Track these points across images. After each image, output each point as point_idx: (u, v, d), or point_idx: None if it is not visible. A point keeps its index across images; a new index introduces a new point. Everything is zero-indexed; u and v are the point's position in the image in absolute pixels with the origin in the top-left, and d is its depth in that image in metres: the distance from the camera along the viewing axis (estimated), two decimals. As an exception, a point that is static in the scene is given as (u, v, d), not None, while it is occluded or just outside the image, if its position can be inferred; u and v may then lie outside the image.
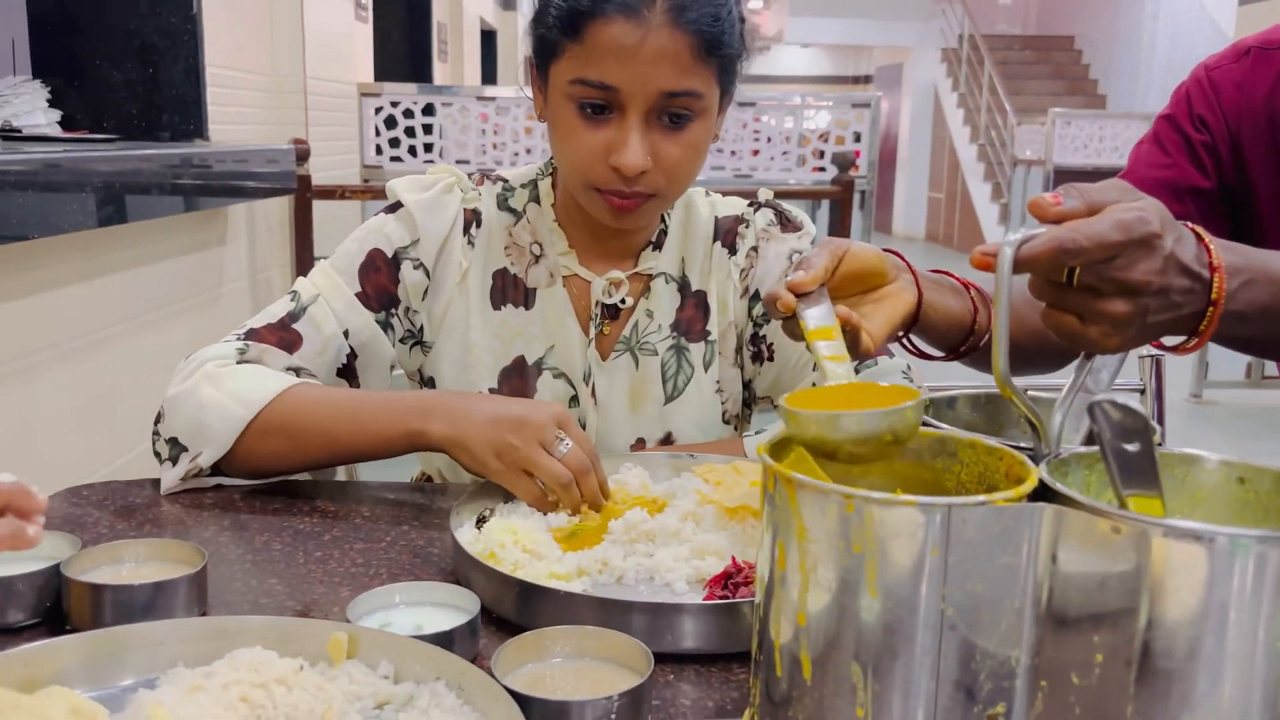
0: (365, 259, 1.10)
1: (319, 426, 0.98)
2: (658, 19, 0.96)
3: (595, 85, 0.98)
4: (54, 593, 0.73)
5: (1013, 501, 0.53)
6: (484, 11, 8.80)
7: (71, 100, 2.84)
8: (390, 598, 0.72)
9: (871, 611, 0.53)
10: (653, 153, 1.00)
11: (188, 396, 1.00)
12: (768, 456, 0.58)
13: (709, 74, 1.00)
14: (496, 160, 4.00)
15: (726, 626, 0.73)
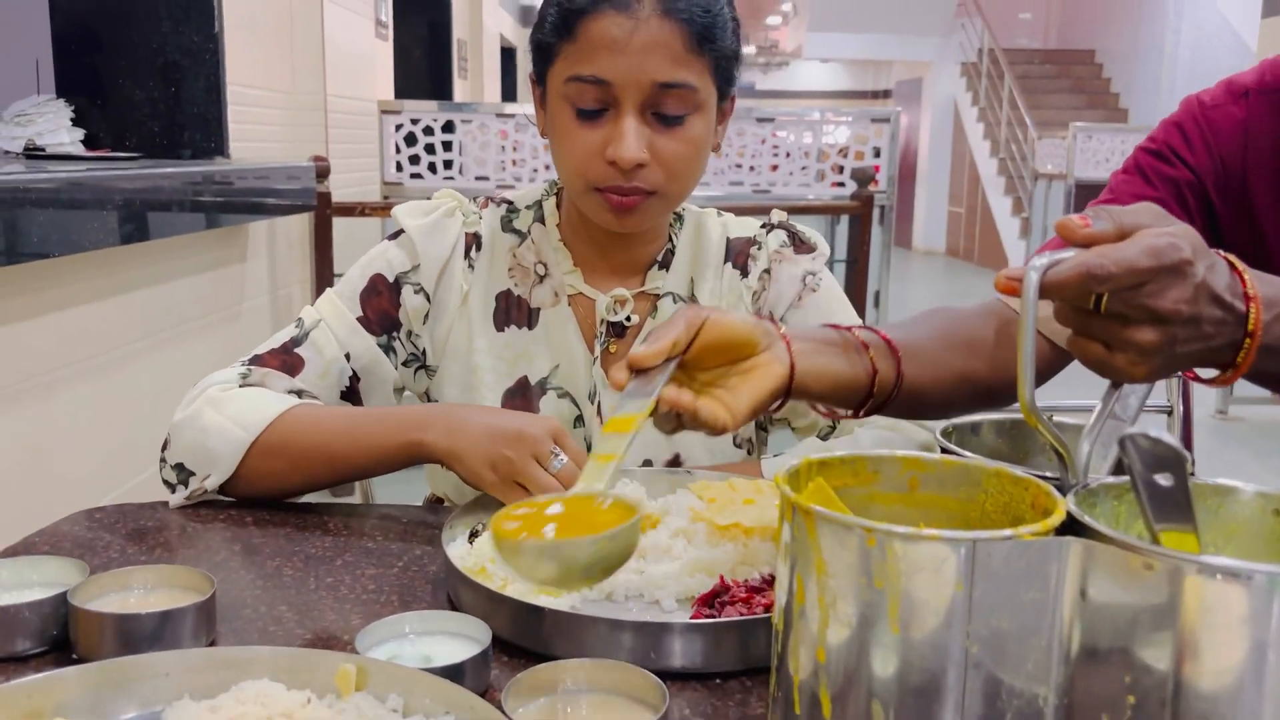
0: (367, 284, 1.11)
1: (318, 445, 0.99)
2: (647, 10, 0.97)
3: (589, 80, 0.98)
4: (61, 621, 0.72)
5: (1040, 535, 0.51)
6: (504, 29, 8.84)
7: (95, 119, 2.86)
8: (400, 627, 0.71)
9: (893, 648, 0.51)
10: (650, 148, 1.00)
11: (191, 422, 1.01)
12: (786, 486, 0.57)
13: (703, 68, 1.00)
14: (515, 177, 4.01)
15: (712, 645, 0.72)
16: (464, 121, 3.98)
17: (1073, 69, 13.14)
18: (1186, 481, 0.54)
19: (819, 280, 1.15)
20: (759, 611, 0.76)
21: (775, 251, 1.16)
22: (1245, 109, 1.01)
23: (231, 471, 0.99)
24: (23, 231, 1.78)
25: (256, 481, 1.00)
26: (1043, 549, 0.51)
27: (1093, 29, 13.19)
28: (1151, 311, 0.64)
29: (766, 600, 0.78)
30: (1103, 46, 12.95)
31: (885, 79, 17.28)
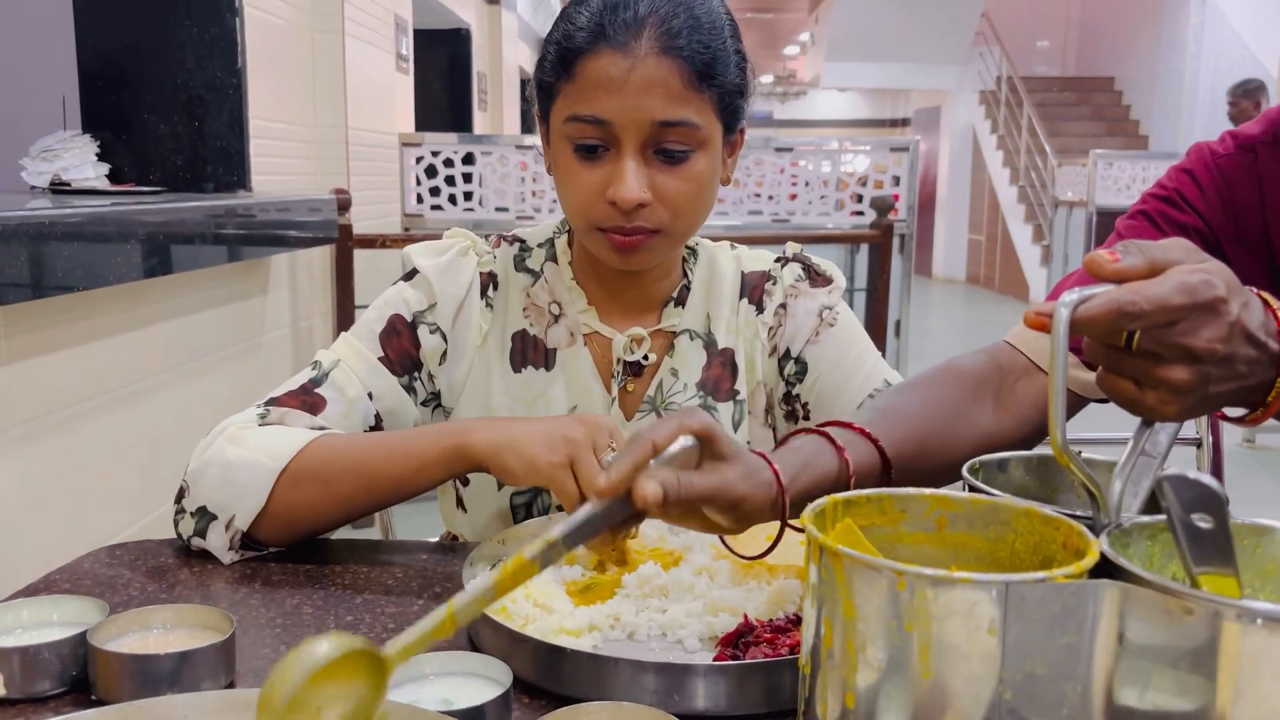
0: (386, 325, 1.09)
1: (354, 465, 0.95)
2: (644, 48, 0.96)
3: (588, 120, 0.98)
4: (80, 661, 0.72)
5: (1074, 578, 0.50)
6: (523, 61, 8.92)
7: (119, 153, 2.89)
8: (420, 668, 0.70)
9: (925, 693, 0.50)
10: (652, 187, 0.99)
11: (211, 462, 0.97)
12: (813, 527, 0.56)
13: (704, 104, 0.99)
14: (535, 208, 4.02)
15: (736, 687, 0.70)
16: (484, 153, 4.01)
17: (1092, 96, 13.12)
18: (1227, 523, 0.52)
19: (836, 315, 1.13)
20: (784, 653, 0.75)
21: (791, 286, 1.14)
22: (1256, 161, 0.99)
23: (262, 505, 0.95)
24: (48, 266, 1.80)
25: (287, 514, 0.96)
26: (1078, 591, 0.50)
27: (1112, 56, 13.19)
28: (1185, 350, 0.63)
29: (791, 640, 0.76)
30: (1122, 73, 12.93)
31: (903, 107, 17.31)
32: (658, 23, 0.96)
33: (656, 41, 0.96)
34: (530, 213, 4.03)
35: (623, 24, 0.96)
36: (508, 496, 1.10)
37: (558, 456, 0.88)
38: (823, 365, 1.11)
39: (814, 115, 18.70)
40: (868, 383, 1.09)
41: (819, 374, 1.11)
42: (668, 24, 0.97)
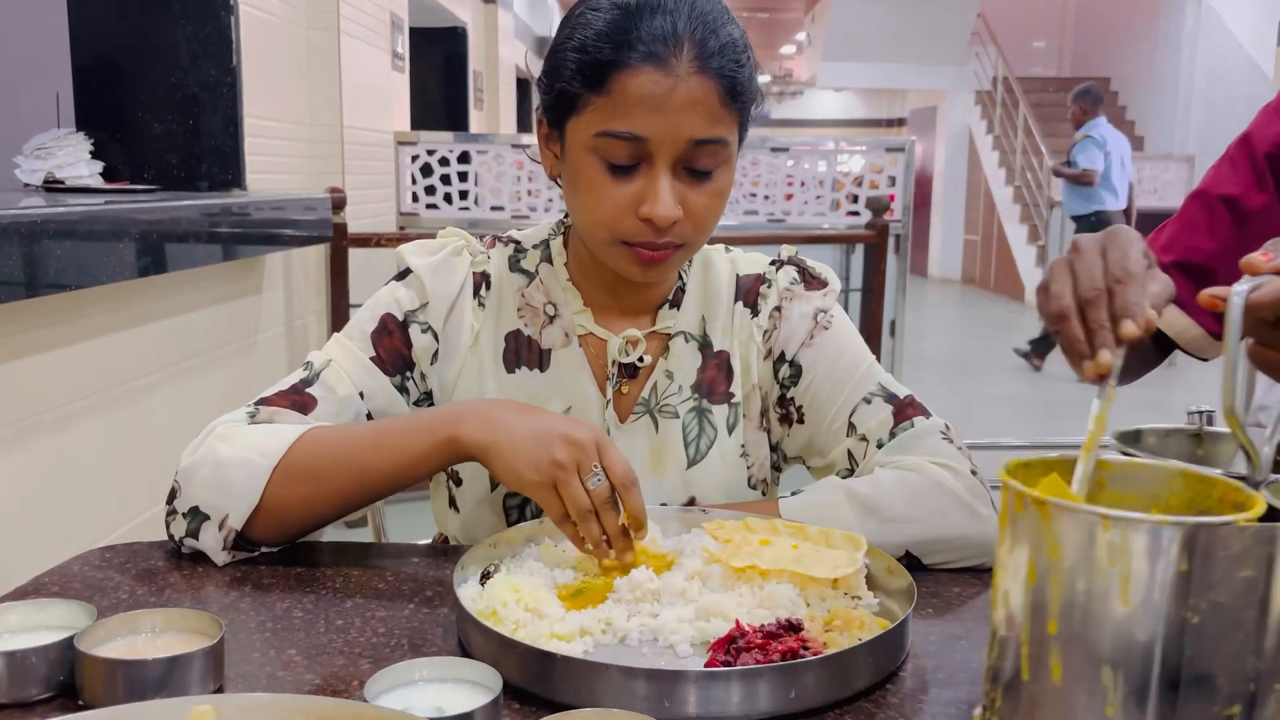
0: (378, 325, 1.08)
1: (344, 459, 0.95)
2: (685, 66, 0.95)
3: (624, 136, 0.96)
4: (67, 666, 0.71)
5: (1252, 522, 0.57)
6: (519, 60, 8.91)
7: (113, 151, 2.89)
8: (410, 674, 0.70)
9: (1123, 620, 0.57)
10: (681, 202, 0.99)
11: (202, 461, 0.97)
12: (1014, 481, 0.61)
13: (732, 121, 0.99)
14: (531, 207, 4.02)
15: (727, 694, 0.70)
16: (479, 152, 4.00)
17: (1088, 97, 13.13)
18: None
19: (830, 318, 1.13)
20: (775, 658, 0.75)
21: (786, 289, 1.14)
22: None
23: (255, 502, 0.94)
24: (42, 264, 1.79)
25: (281, 512, 0.95)
26: (1255, 534, 0.56)
27: (1107, 57, 13.20)
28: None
29: (783, 646, 0.76)
30: (1118, 74, 12.95)
31: (899, 107, 17.32)
32: (695, 42, 0.96)
33: (696, 60, 0.95)
34: (526, 211, 4.02)
35: (662, 40, 0.95)
36: (500, 498, 1.09)
37: (541, 476, 0.88)
38: (817, 368, 1.11)
39: (810, 115, 18.70)
40: (861, 386, 1.09)
41: (813, 377, 1.11)
42: (704, 42, 0.96)
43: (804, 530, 0.94)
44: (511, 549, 0.95)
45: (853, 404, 1.08)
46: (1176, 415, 1.89)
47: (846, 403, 1.09)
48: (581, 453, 0.88)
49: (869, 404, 1.08)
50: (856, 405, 1.08)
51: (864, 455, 1.07)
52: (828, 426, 1.10)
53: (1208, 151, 10.30)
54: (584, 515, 0.88)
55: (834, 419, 1.09)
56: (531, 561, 0.91)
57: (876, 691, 0.76)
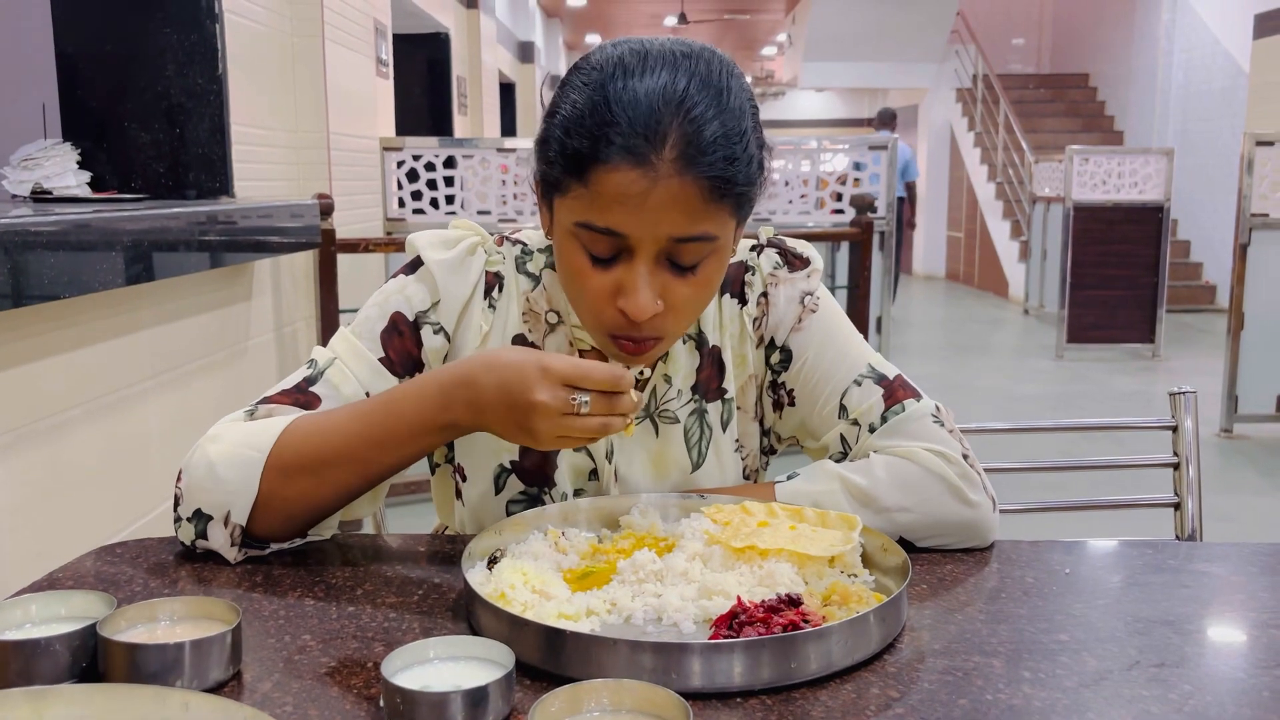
0: (387, 323, 1.07)
1: (340, 453, 0.95)
2: (666, 166, 0.90)
3: (601, 231, 0.93)
4: (90, 653, 0.73)
5: None
6: (502, 65, 8.92)
7: (101, 161, 2.89)
8: (425, 653, 0.72)
9: None
10: (663, 294, 0.96)
11: (195, 464, 0.97)
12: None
13: (723, 212, 0.94)
14: (517, 210, 4.04)
15: (733, 665, 0.73)
16: (465, 157, 4.02)
17: (1067, 93, 13.23)
18: None
19: (817, 300, 1.13)
20: (777, 630, 0.77)
21: (770, 274, 1.14)
22: None
23: (254, 496, 0.94)
24: (31, 273, 1.80)
25: (284, 506, 0.95)
26: None
27: (1086, 53, 13.30)
28: None
29: (784, 620, 0.78)
30: (1097, 70, 13.04)
31: (881, 106, 17.38)
32: (681, 138, 0.90)
33: (678, 159, 0.90)
34: (513, 215, 4.04)
35: (643, 136, 0.89)
36: (504, 503, 1.10)
37: (545, 445, 0.90)
38: (808, 352, 1.12)
39: (793, 115, 18.76)
40: (853, 368, 1.11)
41: (804, 361, 1.12)
42: (692, 139, 0.90)
43: (800, 512, 0.97)
44: (517, 535, 0.97)
45: (843, 386, 1.10)
46: (1160, 406, 1.90)
47: (838, 386, 1.10)
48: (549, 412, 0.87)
49: (860, 386, 1.10)
50: (847, 388, 1.10)
51: (856, 439, 1.09)
52: (819, 409, 1.11)
53: (1187, 145, 10.40)
54: (604, 429, 0.88)
55: (825, 402, 1.11)
56: (537, 546, 0.93)
57: (875, 662, 0.78)
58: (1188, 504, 1.40)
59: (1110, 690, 0.74)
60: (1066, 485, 3.84)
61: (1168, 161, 7.13)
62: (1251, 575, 0.98)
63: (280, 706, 0.71)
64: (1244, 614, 0.90)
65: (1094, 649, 0.81)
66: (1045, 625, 0.85)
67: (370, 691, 0.73)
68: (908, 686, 0.75)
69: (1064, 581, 0.96)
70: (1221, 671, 0.79)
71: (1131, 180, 7.21)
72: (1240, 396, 5.20)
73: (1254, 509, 4.09)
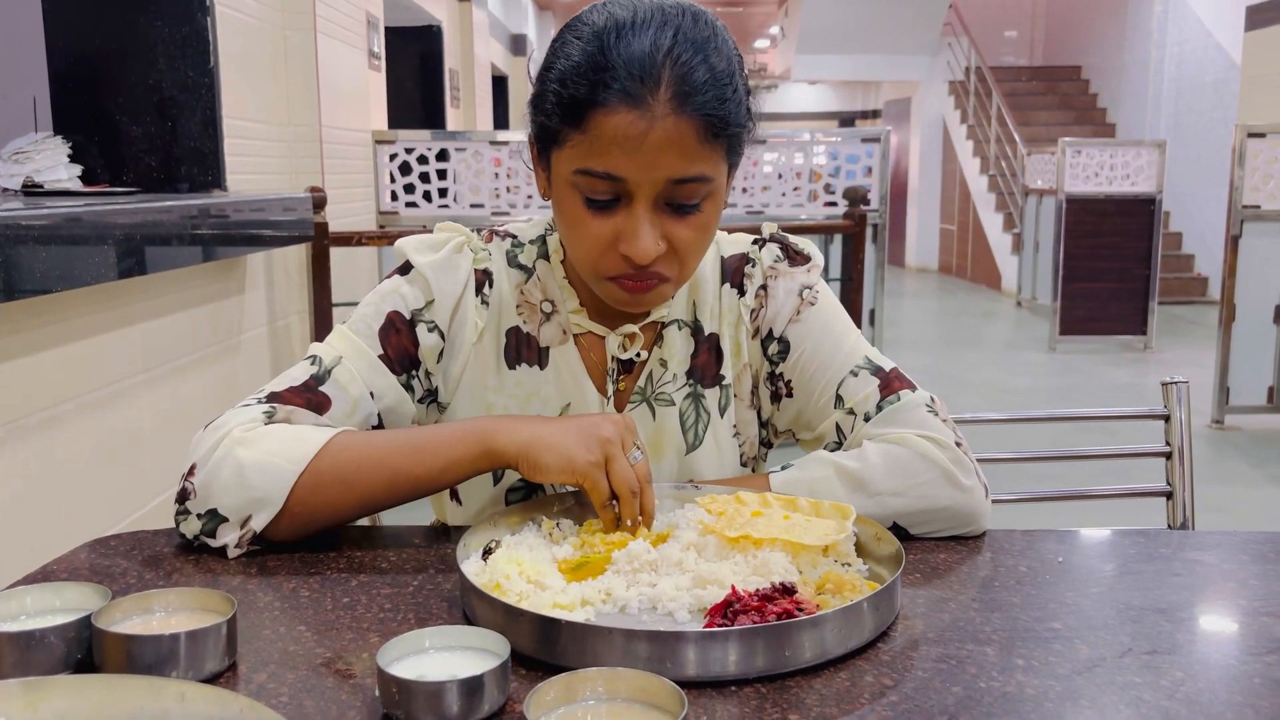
0: (384, 321, 1.08)
1: (377, 464, 0.96)
2: (662, 107, 0.93)
3: (601, 176, 0.95)
4: (85, 644, 0.73)
5: None
6: (495, 58, 8.90)
7: (92, 155, 2.88)
8: (420, 643, 0.72)
9: None
10: (665, 237, 0.98)
11: (221, 464, 0.95)
12: None
13: (717, 154, 0.98)
14: (510, 204, 4.03)
15: (727, 653, 0.73)
16: (458, 150, 4.01)
17: (1059, 85, 13.25)
18: None
19: (816, 294, 1.15)
20: (771, 619, 0.77)
21: (770, 267, 1.15)
22: None
23: (279, 509, 0.95)
24: (23, 267, 1.80)
25: (305, 516, 0.96)
26: None
27: (1078, 45, 13.32)
28: None
29: (778, 608, 0.79)
30: (1089, 62, 13.06)
31: (874, 99, 17.39)
32: (674, 79, 0.93)
33: (673, 100, 0.93)
34: (505, 209, 4.04)
35: (638, 79, 0.93)
36: (503, 493, 1.11)
37: (594, 456, 0.92)
38: (805, 343, 1.13)
39: (785, 108, 18.75)
40: (849, 360, 1.11)
41: (801, 352, 1.13)
42: (685, 80, 0.94)
43: (794, 502, 0.97)
44: (511, 527, 0.97)
45: (840, 377, 1.11)
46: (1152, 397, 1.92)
47: (834, 377, 1.11)
48: (624, 430, 0.94)
49: (856, 377, 1.10)
50: (844, 379, 1.11)
51: (852, 429, 1.09)
52: (816, 400, 1.12)
53: (1179, 137, 10.42)
54: (629, 493, 0.93)
55: (822, 392, 1.12)
56: (532, 537, 0.93)
57: (869, 650, 0.79)
58: (1180, 493, 1.41)
59: (1103, 677, 0.75)
60: (1059, 476, 3.85)
61: (1160, 154, 7.15)
62: (1243, 563, 0.98)
63: (276, 697, 0.71)
64: (1235, 602, 0.90)
65: (1086, 637, 0.81)
66: (1038, 613, 0.86)
67: (366, 682, 0.73)
68: (901, 674, 0.75)
69: (1057, 570, 0.96)
70: (1213, 658, 0.80)
71: (1124, 172, 7.23)
72: (1231, 388, 5.22)
73: (1245, 499, 4.11)
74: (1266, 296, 5.17)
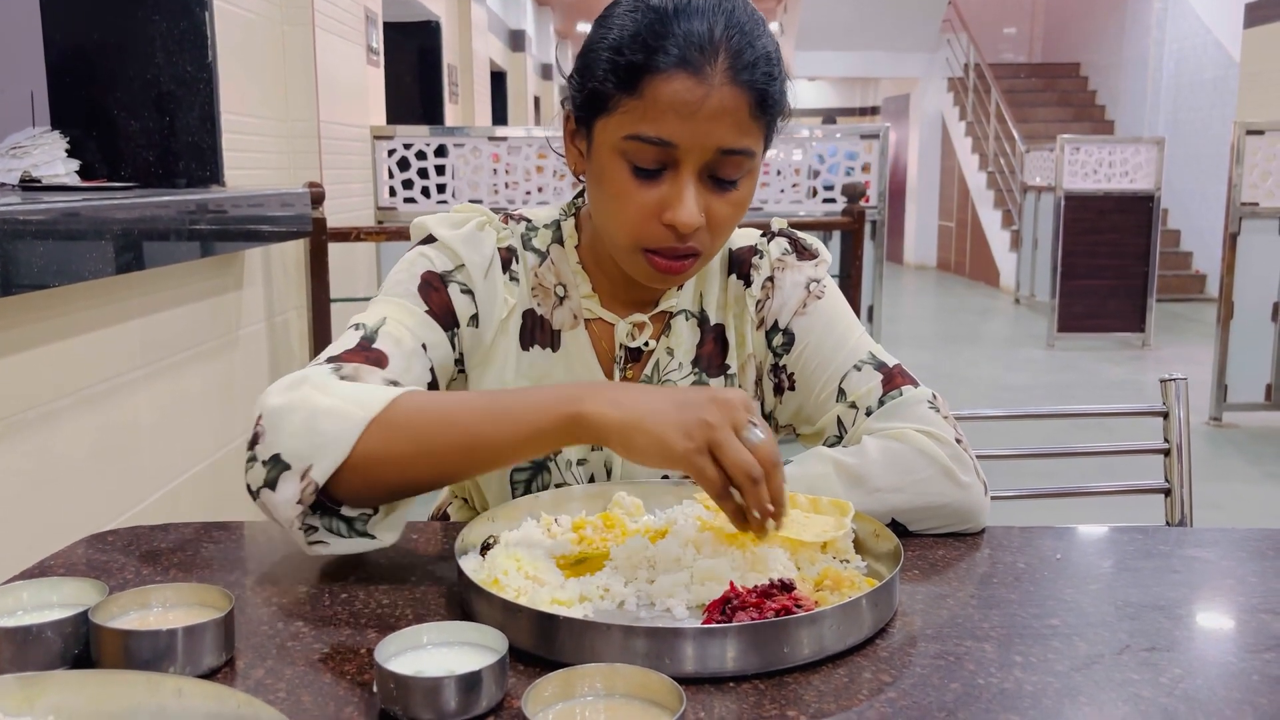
0: (420, 281, 1.05)
1: (451, 424, 0.88)
2: (719, 76, 0.95)
3: (654, 141, 0.96)
4: (82, 639, 0.73)
5: None
6: (493, 53, 8.89)
7: (90, 149, 2.88)
8: (418, 638, 0.72)
9: None
10: (704, 210, 0.99)
11: (296, 407, 0.89)
12: None
13: (759, 133, 1.00)
14: (509, 199, 4.03)
15: (725, 650, 0.73)
16: (456, 145, 4.01)
17: (1058, 82, 13.24)
18: None
19: (823, 287, 1.15)
20: (770, 615, 0.77)
21: (778, 259, 1.16)
22: None
23: (343, 457, 0.86)
24: (20, 262, 1.79)
25: (375, 469, 0.87)
26: None
27: (1077, 42, 13.31)
28: None
29: (777, 605, 0.79)
30: (1088, 59, 13.06)
31: (873, 96, 17.38)
32: (730, 51, 0.96)
33: (729, 70, 0.95)
34: (504, 204, 4.03)
35: (698, 47, 0.95)
36: (509, 470, 1.11)
37: (694, 443, 0.81)
38: (810, 337, 1.13)
39: (784, 105, 18.73)
40: (853, 355, 1.12)
41: (805, 345, 1.13)
42: (741, 55, 0.96)
43: (793, 498, 0.97)
44: (510, 522, 0.97)
45: (843, 371, 1.11)
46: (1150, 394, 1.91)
47: (837, 370, 1.11)
48: (733, 409, 0.82)
49: (859, 371, 1.11)
50: (847, 373, 1.11)
51: (853, 422, 1.09)
52: (818, 394, 1.12)
53: (1177, 135, 10.42)
54: (749, 479, 0.81)
55: (824, 386, 1.12)
56: (530, 534, 0.93)
57: (867, 646, 0.79)
58: (1179, 490, 1.41)
59: (1101, 674, 0.75)
60: (1058, 473, 3.85)
61: (1158, 151, 7.15)
62: (1241, 560, 0.98)
63: (274, 693, 0.71)
64: (1234, 599, 0.90)
65: (1085, 633, 0.81)
66: (1036, 610, 0.86)
67: (364, 677, 0.73)
68: (900, 670, 0.75)
69: (1055, 567, 0.96)
70: (1211, 655, 0.80)
71: (1122, 169, 7.22)
72: (1229, 385, 5.23)
73: (1242, 497, 4.11)
74: (1264, 294, 5.17)
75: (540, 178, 4.01)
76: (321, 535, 0.89)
